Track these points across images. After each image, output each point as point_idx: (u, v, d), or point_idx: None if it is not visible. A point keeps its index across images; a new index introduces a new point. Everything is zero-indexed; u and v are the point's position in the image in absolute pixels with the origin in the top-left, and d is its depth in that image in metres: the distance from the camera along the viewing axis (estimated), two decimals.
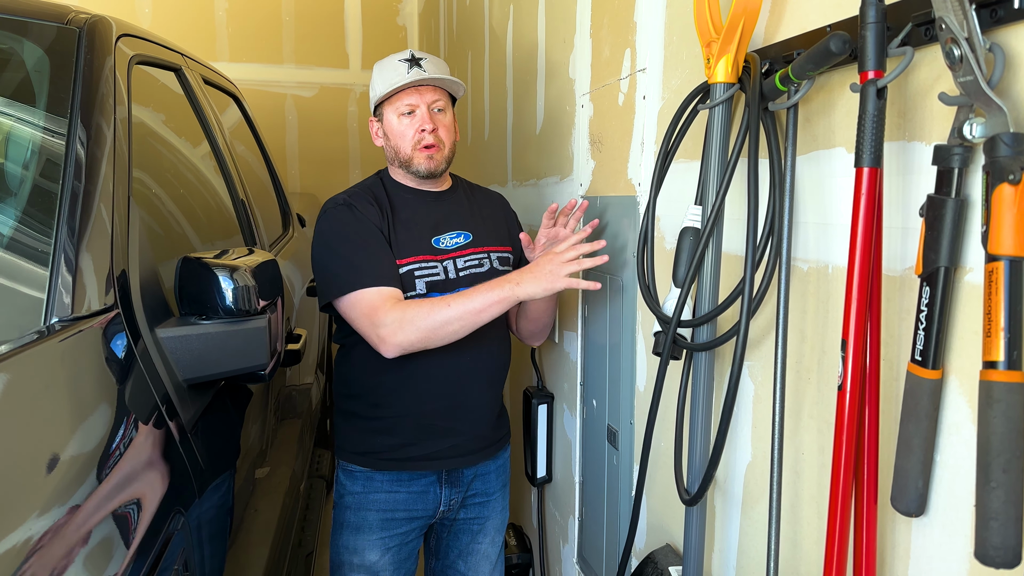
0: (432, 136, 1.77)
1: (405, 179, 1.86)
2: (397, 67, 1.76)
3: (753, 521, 1.28)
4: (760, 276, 1.16)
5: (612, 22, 1.80)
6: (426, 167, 1.78)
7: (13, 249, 1.15)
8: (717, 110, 1.21)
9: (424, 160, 1.77)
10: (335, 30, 4.95)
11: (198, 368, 1.22)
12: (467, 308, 1.59)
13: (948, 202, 0.80)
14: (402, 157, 1.80)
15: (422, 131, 1.76)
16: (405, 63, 1.76)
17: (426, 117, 1.76)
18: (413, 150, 1.78)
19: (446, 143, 1.80)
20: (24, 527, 0.75)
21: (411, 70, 1.74)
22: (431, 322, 1.60)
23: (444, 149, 1.80)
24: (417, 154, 1.77)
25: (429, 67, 1.76)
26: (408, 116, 1.77)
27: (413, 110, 1.77)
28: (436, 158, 1.78)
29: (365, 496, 1.82)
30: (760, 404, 1.25)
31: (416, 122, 1.77)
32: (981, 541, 0.73)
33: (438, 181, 1.86)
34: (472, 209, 1.90)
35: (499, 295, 1.58)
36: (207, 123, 2.03)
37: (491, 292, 1.58)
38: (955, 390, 0.85)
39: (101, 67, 1.37)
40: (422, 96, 1.77)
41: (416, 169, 1.79)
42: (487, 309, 1.59)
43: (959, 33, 0.75)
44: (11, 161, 1.29)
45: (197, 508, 1.13)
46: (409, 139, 1.77)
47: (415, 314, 1.61)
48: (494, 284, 1.60)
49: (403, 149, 1.79)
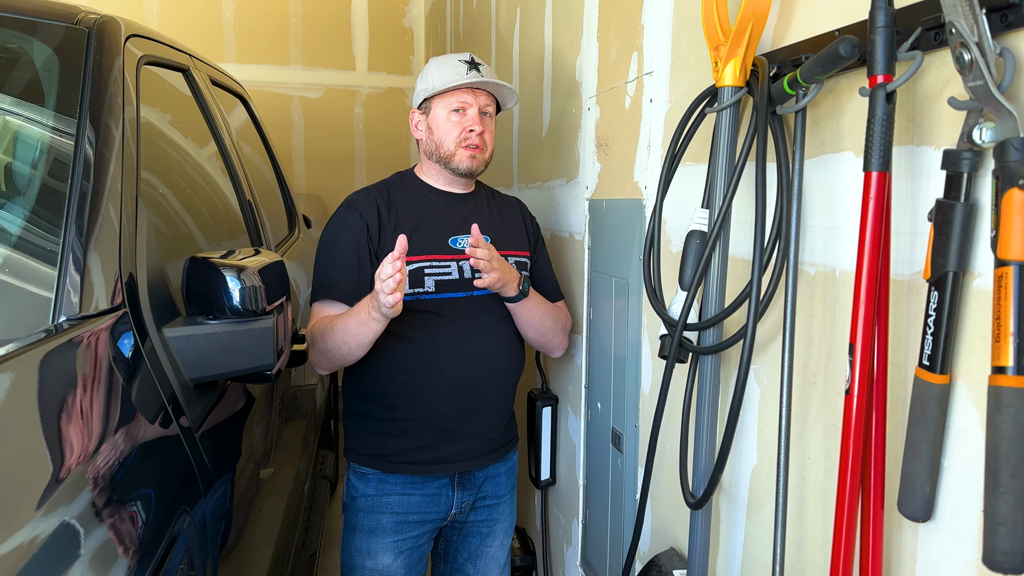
0: (479, 138, 1.80)
1: (433, 178, 1.87)
2: (456, 66, 1.80)
3: (758, 525, 1.28)
4: (767, 280, 1.16)
5: (619, 25, 1.80)
6: (467, 166, 1.81)
7: (22, 248, 1.15)
8: (725, 114, 1.21)
9: (467, 159, 1.80)
10: (342, 32, 4.96)
11: (205, 368, 1.23)
12: (346, 330, 1.63)
13: (957, 207, 0.80)
14: (443, 152, 1.82)
15: (470, 131, 1.79)
16: (465, 64, 1.80)
17: (476, 118, 1.80)
18: (457, 147, 1.80)
19: (489, 146, 1.84)
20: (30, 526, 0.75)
21: (470, 72, 1.79)
22: (325, 344, 1.68)
23: (486, 152, 1.83)
24: (461, 151, 1.80)
25: (487, 72, 1.82)
26: (457, 113, 1.80)
27: (465, 109, 1.80)
28: (478, 159, 1.81)
29: (378, 499, 1.82)
30: (766, 408, 1.25)
31: (465, 121, 1.80)
32: (989, 546, 0.73)
33: (463, 183, 1.88)
34: (493, 213, 1.92)
35: (362, 316, 1.59)
36: (214, 124, 2.04)
37: (359, 314, 1.60)
38: (963, 395, 0.84)
39: (110, 67, 1.37)
40: (476, 98, 1.81)
41: (456, 166, 1.81)
42: (359, 329, 1.60)
43: (969, 37, 0.75)
44: (20, 160, 1.29)
45: (203, 508, 1.13)
46: (455, 136, 1.80)
47: (318, 335, 1.70)
48: (366, 308, 1.59)
49: (446, 144, 1.81)
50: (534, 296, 1.82)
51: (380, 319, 1.57)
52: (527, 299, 1.78)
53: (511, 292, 1.73)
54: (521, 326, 1.86)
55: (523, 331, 1.88)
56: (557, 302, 1.98)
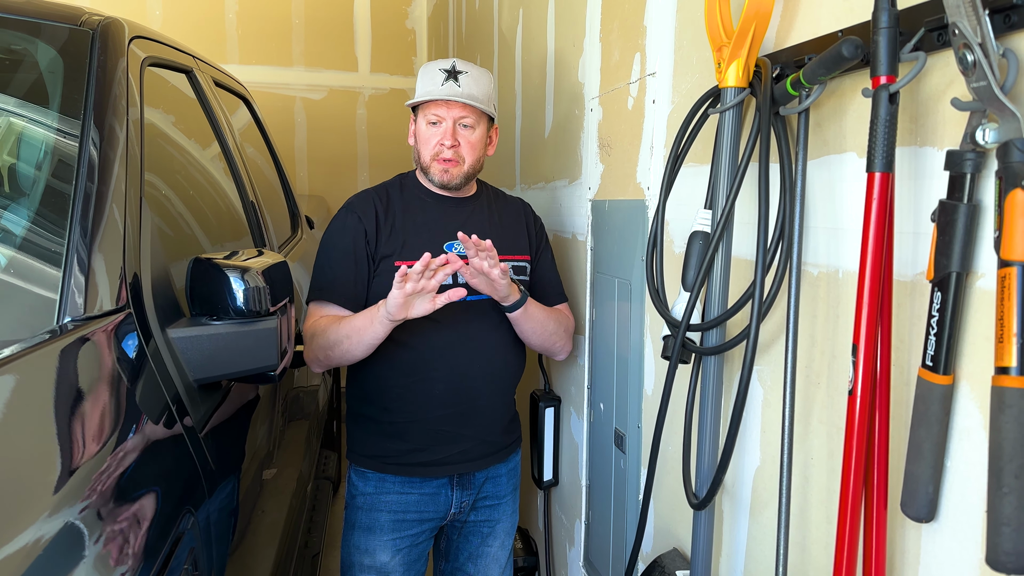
0: (452, 151, 1.78)
1: (428, 183, 1.87)
2: (435, 76, 1.78)
3: (762, 526, 1.28)
4: (770, 280, 1.16)
5: (622, 26, 1.80)
6: (439, 179, 1.80)
7: (27, 249, 1.16)
8: (728, 114, 1.21)
9: (439, 173, 1.80)
10: (344, 33, 4.97)
11: (208, 368, 1.23)
12: (352, 327, 1.65)
13: (960, 207, 0.80)
14: (422, 163, 1.83)
15: (442, 144, 1.78)
16: (443, 73, 1.77)
17: (449, 132, 1.77)
18: (431, 160, 1.80)
19: (467, 159, 1.81)
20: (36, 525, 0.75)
21: (445, 83, 1.76)
22: (324, 341, 1.69)
23: (463, 165, 1.80)
24: (434, 164, 1.80)
25: (466, 83, 1.77)
26: (434, 126, 1.79)
27: (440, 121, 1.78)
28: (452, 172, 1.80)
29: (377, 497, 1.83)
30: (769, 408, 1.25)
31: (438, 135, 1.78)
32: (992, 547, 0.73)
33: (456, 190, 1.87)
34: (492, 217, 1.91)
35: (372, 316, 1.61)
36: (218, 125, 2.04)
37: (371, 312, 1.62)
38: (966, 395, 0.84)
39: (114, 69, 1.37)
40: (450, 110, 1.77)
41: (431, 178, 1.82)
42: (366, 329, 1.62)
43: (972, 38, 0.75)
44: (25, 162, 1.30)
45: (207, 508, 1.13)
46: (430, 147, 1.80)
47: (317, 332, 1.71)
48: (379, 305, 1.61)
49: (424, 155, 1.82)
50: (532, 304, 1.82)
51: (384, 322, 1.58)
52: (524, 307, 1.77)
53: (506, 302, 1.74)
54: (522, 333, 1.86)
55: (524, 337, 1.88)
56: (560, 304, 1.98)
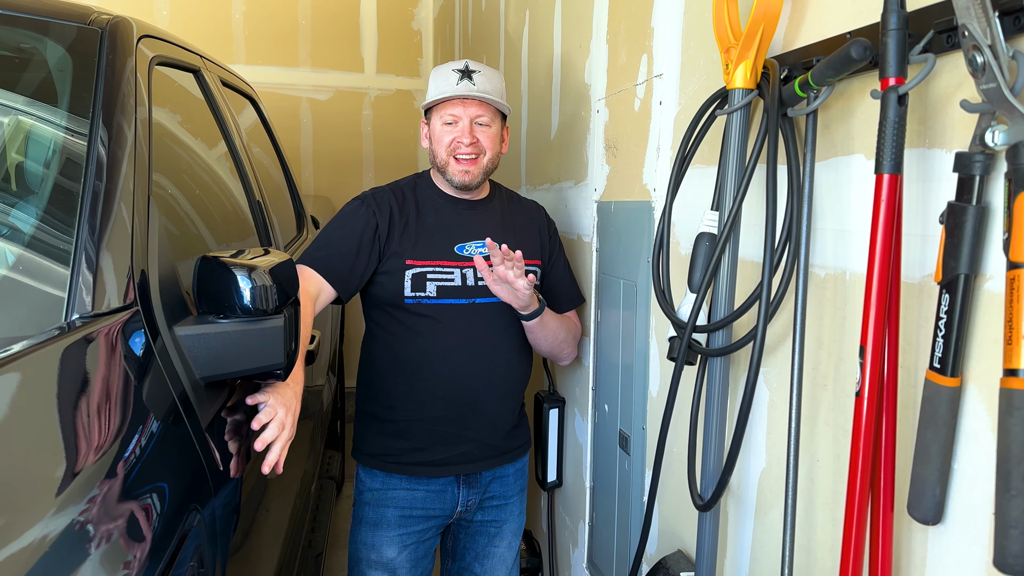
0: (470, 148, 1.79)
1: (443, 184, 1.88)
2: (449, 76, 1.79)
3: (767, 528, 1.28)
4: (777, 282, 1.16)
5: (629, 27, 1.80)
6: (459, 180, 1.81)
7: (35, 247, 1.16)
8: (735, 116, 1.21)
9: (459, 174, 1.80)
10: (351, 34, 4.98)
11: (215, 366, 1.23)
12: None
13: (969, 209, 0.80)
14: (439, 163, 1.83)
15: (460, 142, 1.79)
16: (457, 73, 1.79)
17: (467, 130, 1.79)
18: (448, 157, 1.80)
19: (488, 153, 1.82)
20: (43, 522, 0.76)
21: (460, 82, 1.77)
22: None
23: (482, 158, 1.81)
24: (452, 164, 1.80)
25: (480, 81, 1.78)
26: (450, 125, 1.80)
27: (456, 121, 1.79)
28: (472, 172, 1.80)
29: (384, 492, 1.84)
30: (775, 410, 1.25)
31: (454, 133, 1.79)
32: (1000, 549, 0.73)
33: (474, 190, 1.87)
34: (505, 221, 1.91)
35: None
36: (225, 125, 2.05)
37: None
38: (974, 398, 0.84)
39: (122, 68, 1.38)
40: (466, 109, 1.79)
41: (450, 178, 1.82)
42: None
43: (982, 40, 0.75)
44: (33, 160, 1.30)
45: (212, 505, 1.13)
46: (446, 146, 1.80)
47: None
48: None
49: (440, 155, 1.82)
50: (548, 313, 1.84)
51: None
52: (541, 317, 1.79)
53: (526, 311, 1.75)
54: (533, 340, 1.88)
55: (534, 343, 1.90)
56: (569, 311, 1.99)
